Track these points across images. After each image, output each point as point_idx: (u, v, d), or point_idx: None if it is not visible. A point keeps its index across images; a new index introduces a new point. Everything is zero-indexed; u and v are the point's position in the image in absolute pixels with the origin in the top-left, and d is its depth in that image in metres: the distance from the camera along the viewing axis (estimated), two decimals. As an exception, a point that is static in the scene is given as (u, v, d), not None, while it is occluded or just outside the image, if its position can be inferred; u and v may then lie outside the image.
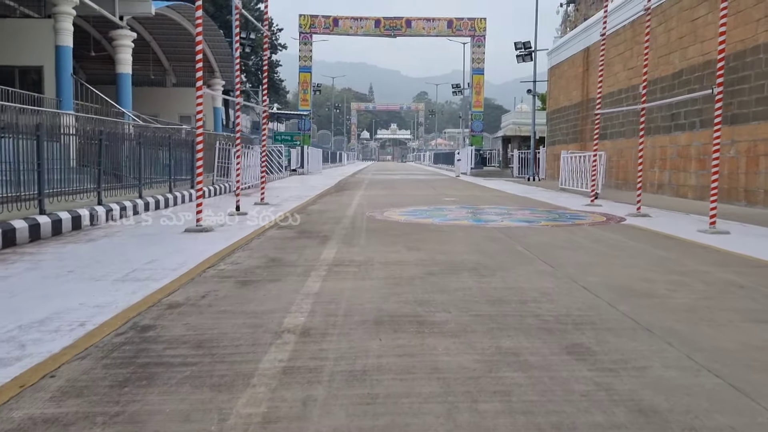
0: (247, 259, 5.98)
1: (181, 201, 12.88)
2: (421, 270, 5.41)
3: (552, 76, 28.00)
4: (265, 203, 12.62)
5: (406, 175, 33.94)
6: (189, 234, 7.82)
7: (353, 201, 13.76)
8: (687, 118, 15.22)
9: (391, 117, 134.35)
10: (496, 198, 15.54)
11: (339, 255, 6.24)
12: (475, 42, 37.99)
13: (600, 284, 4.83)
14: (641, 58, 18.45)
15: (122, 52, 17.99)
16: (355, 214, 10.59)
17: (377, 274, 5.22)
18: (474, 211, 11.29)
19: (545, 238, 7.61)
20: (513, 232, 8.13)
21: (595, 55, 22.19)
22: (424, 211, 11.35)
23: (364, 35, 38.04)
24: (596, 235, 7.97)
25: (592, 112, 22.55)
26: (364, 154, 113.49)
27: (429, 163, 65.14)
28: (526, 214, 10.92)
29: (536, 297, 4.39)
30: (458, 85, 47.36)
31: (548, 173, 28.02)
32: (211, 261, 5.80)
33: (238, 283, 4.87)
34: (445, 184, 23.38)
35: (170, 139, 12.83)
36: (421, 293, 4.50)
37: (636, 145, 18.46)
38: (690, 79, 15.09)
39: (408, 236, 7.73)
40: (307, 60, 37.79)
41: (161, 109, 26.93)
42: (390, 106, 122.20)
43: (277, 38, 59.08)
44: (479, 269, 5.46)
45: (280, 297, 4.38)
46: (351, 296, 4.42)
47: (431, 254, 6.28)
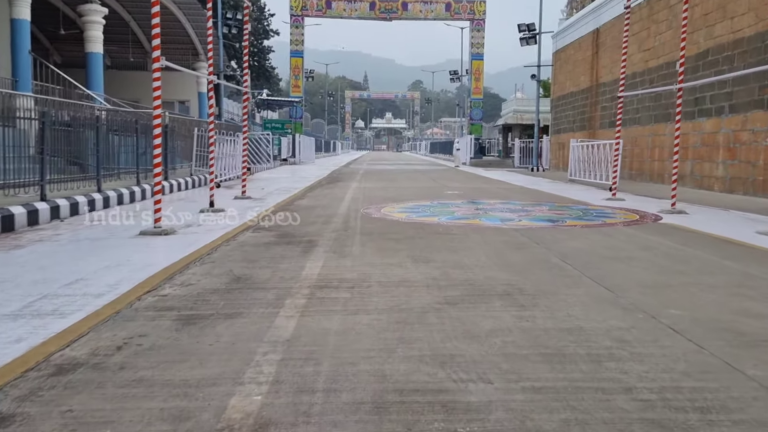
0: (204, 277, 4.54)
1: (151, 194, 11.39)
2: (435, 296, 3.99)
3: (557, 61, 26.50)
4: (246, 197, 11.17)
5: (402, 165, 32.46)
6: (142, 239, 6.37)
7: (346, 195, 12.31)
8: (714, 102, 13.81)
9: (386, 106, 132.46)
10: (503, 191, 14.12)
11: (326, 270, 4.81)
12: (475, 26, 36.39)
13: (690, 321, 3.43)
14: (659, 38, 17.04)
15: (92, 29, 16.38)
16: (349, 211, 9.16)
17: (376, 304, 3.80)
18: (484, 208, 9.86)
19: (580, 244, 6.19)
20: (538, 235, 6.71)
21: (606, 36, 20.74)
22: (427, 207, 9.92)
23: (358, 18, 36.37)
24: (640, 240, 6.56)
25: (601, 98, 21.14)
26: (359, 143, 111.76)
27: (425, 152, 63.64)
28: (544, 210, 9.51)
29: (611, 348, 2.97)
30: (456, 72, 45.79)
31: (552, 163, 26.62)
32: (155, 281, 4.36)
33: (180, 320, 3.44)
34: (445, 175, 21.94)
35: (137, 124, 11.33)
36: (441, 340, 3.09)
37: (652, 133, 17.11)
38: (718, 60, 13.66)
39: (412, 241, 6.31)
40: (299, 44, 36.13)
41: (143, 94, 25.19)
42: (385, 95, 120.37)
43: (269, 23, 57.31)
44: (513, 294, 4.05)
45: (233, 349, 2.96)
46: (338, 347, 3.00)
47: (444, 269, 4.86)
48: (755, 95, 12.18)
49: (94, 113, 12.14)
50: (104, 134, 11.59)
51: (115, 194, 9.72)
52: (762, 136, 11.93)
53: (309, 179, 17.68)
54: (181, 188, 13.05)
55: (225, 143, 15.57)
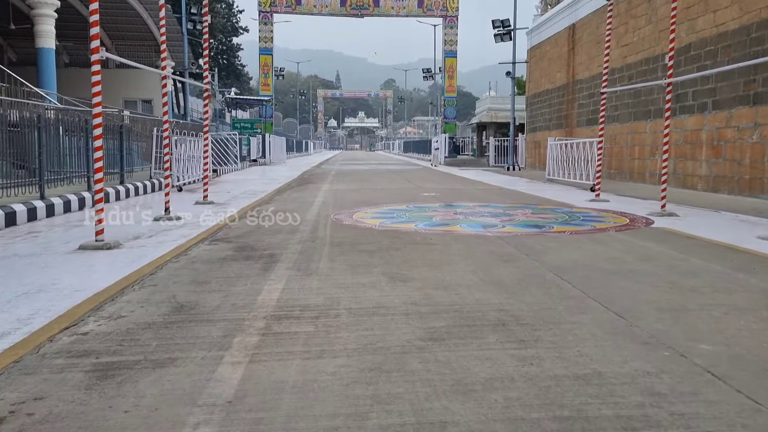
0: (140, 306, 3.80)
1: (105, 200, 10.51)
2: (416, 328, 3.32)
3: (532, 58, 26.08)
4: (207, 202, 10.37)
5: (376, 165, 31.75)
6: (80, 255, 5.57)
7: (317, 198, 11.58)
8: (696, 98, 13.41)
9: (358, 105, 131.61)
10: (481, 192, 13.53)
11: (287, 294, 4.10)
12: (448, 23, 35.87)
13: (729, 361, 2.81)
14: (638, 33, 16.63)
15: (42, 23, 15.33)
16: (318, 218, 8.44)
17: (345, 342, 3.10)
18: (463, 212, 9.23)
19: (574, 255, 5.58)
20: (526, 244, 6.08)
21: (583, 32, 20.34)
22: (403, 211, 9.25)
23: (328, 15, 35.54)
24: (637, 248, 5.98)
25: (578, 95, 20.72)
26: (332, 142, 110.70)
27: (399, 152, 63.00)
28: (528, 214, 8.91)
29: (644, 406, 2.33)
30: (429, 70, 45.20)
31: (528, 162, 26.20)
32: (78, 313, 3.61)
33: (95, 371, 2.71)
34: (420, 175, 21.31)
35: (87, 124, 10.43)
36: (427, 397, 2.41)
37: (632, 131, 16.68)
38: (700, 55, 13.26)
39: (387, 253, 5.62)
40: (268, 41, 35.18)
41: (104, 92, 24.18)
42: (357, 94, 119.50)
43: (238, 20, 56.06)
44: (509, 324, 3.39)
45: (154, 419, 2.24)
46: (294, 412, 2.30)
47: (425, 290, 4.19)
48: (740, 91, 11.79)
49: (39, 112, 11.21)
50: (52, 135, 10.71)
51: (61, 201, 8.85)
52: (747, 133, 11.53)
53: (278, 181, 16.89)
54: (139, 193, 12.18)
55: (188, 144, 14.70)
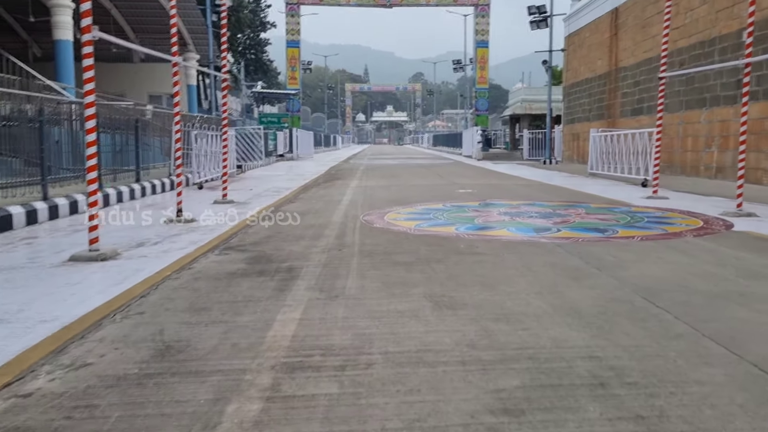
0: (114, 347, 2.93)
1: (117, 200, 9.81)
2: (480, 390, 2.38)
3: (570, 45, 24.77)
4: (227, 201, 9.56)
5: (405, 159, 30.78)
6: (68, 268, 4.76)
7: (344, 196, 10.69)
8: (762, 84, 12.13)
9: (386, 98, 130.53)
10: (522, 188, 12.48)
11: (305, 328, 3.20)
12: (479, 11, 34.66)
13: None
14: (690, 14, 15.30)
15: (59, 14, 14.72)
16: (346, 219, 7.54)
17: (381, 417, 2.17)
18: (508, 211, 8.23)
19: (657, 269, 4.56)
20: (594, 254, 5.08)
21: (627, 15, 19.03)
22: (439, 211, 8.29)
23: (356, 5, 34.62)
24: (731, 260, 4.93)
25: (621, 83, 19.42)
26: (360, 137, 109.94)
27: (428, 145, 61.91)
28: (582, 214, 7.87)
29: None
30: (459, 61, 43.98)
31: (566, 155, 24.95)
32: (32, 358, 2.76)
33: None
34: (452, 169, 20.29)
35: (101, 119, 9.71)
36: None
37: (684, 121, 15.40)
38: (767, 35, 11.97)
39: (428, 266, 4.69)
40: (295, 34, 34.45)
41: (128, 87, 23.76)
42: (386, 87, 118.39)
43: (266, 15, 55.53)
44: (609, 384, 2.43)
45: None
46: None
47: (483, 321, 3.24)
48: (817, 74, 10.52)
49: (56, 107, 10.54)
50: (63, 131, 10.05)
51: (67, 203, 8.11)
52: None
53: (305, 177, 16.06)
54: (156, 191, 11.44)
55: (210, 139, 13.95)
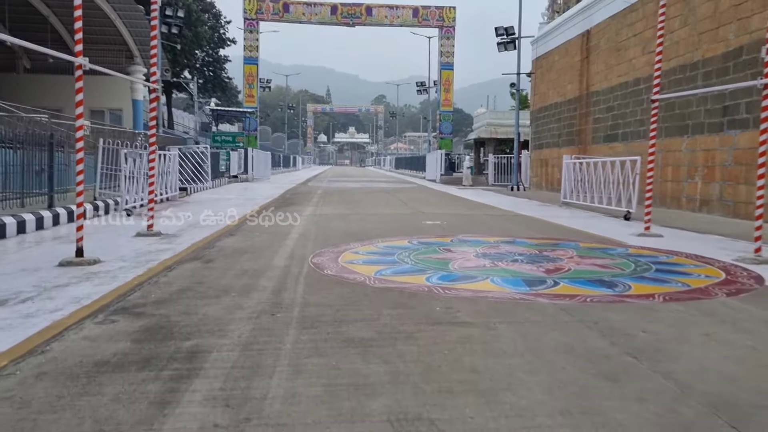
0: None
1: (18, 231, 8.12)
2: None
3: (538, 69, 24.01)
4: (152, 234, 8.01)
5: (367, 182, 29.43)
6: None
7: (294, 228, 9.24)
8: (751, 111, 11.26)
9: (349, 120, 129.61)
10: (495, 219, 11.25)
11: None
12: (444, 33, 33.90)
13: None
14: (670, 37, 14.48)
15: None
16: (290, 262, 6.10)
17: None
18: (486, 252, 6.91)
19: (719, 358, 3.27)
20: (618, 329, 3.77)
21: (599, 38, 18.25)
22: (406, 250, 6.92)
23: (318, 23, 33.45)
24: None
25: (593, 108, 18.56)
26: (321, 158, 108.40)
27: (390, 168, 60.86)
28: (574, 257, 6.61)
29: None
30: (423, 83, 43.20)
31: (533, 181, 24.05)
32: None
33: None
34: (417, 195, 19.02)
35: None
36: None
37: (664, 149, 14.37)
38: (755, 59, 11.13)
39: (393, 350, 3.29)
40: (253, 50, 33.01)
41: (66, 101, 21.85)
42: (348, 109, 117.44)
43: (225, 32, 53.90)
44: None
45: None
46: None
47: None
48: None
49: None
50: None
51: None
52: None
53: (255, 201, 14.55)
54: (73, 218, 9.77)
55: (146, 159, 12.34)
